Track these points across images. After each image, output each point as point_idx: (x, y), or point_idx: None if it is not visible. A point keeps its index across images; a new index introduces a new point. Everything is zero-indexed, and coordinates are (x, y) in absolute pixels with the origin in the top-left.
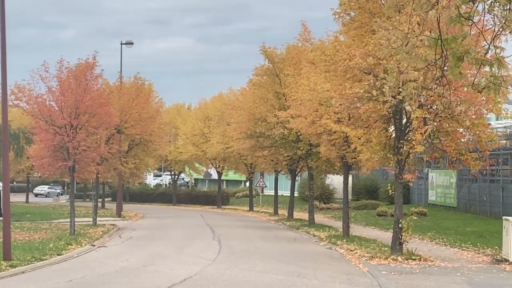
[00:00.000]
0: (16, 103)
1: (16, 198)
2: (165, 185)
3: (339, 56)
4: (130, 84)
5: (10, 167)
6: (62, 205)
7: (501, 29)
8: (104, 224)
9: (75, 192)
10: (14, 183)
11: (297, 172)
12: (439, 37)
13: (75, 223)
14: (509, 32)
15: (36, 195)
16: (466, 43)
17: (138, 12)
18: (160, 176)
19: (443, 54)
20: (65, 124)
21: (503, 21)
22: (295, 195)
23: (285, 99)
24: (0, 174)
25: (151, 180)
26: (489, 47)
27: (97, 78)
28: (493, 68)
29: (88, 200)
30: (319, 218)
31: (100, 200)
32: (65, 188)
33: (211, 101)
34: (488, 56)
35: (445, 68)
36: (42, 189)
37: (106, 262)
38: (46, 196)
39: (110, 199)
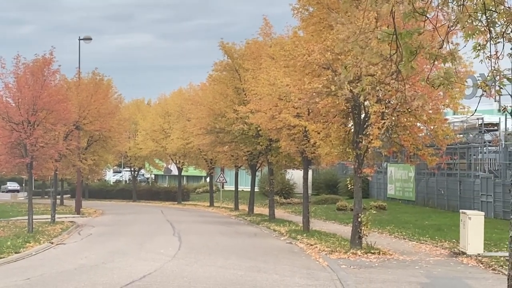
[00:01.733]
0: None
1: None
2: (125, 181)
3: (298, 51)
4: (88, 80)
5: None
6: (20, 202)
7: (453, 25)
8: (63, 221)
9: (33, 189)
10: None
11: (257, 168)
12: (394, 32)
13: (34, 220)
14: (462, 28)
15: (9, 191)
16: (421, 38)
17: (99, 8)
18: (119, 172)
19: (398, 49)
20: (22, 120)
21: (454, 17)
22: (255, 190)
23: (245, 94)
24: None
25: (110, 176)
26: (443, 42)
27: (54, 74)
28: (447, 64)
29: (47, 197)
30: (279, 213)
31: (58, 197)
32: (23, 185)
33: (171, 97)
34: (443, 51)
35: (402, 63)
36: (12, 185)
37: (65, 259)
38: (18, 192)
39: (69, 196)
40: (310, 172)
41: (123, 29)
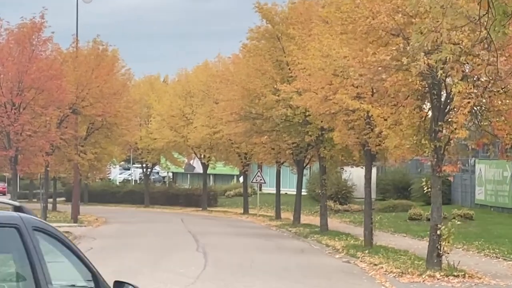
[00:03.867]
0: None
1: None
2: (135, 181)
3: (360, 12)
4: (88, 51)
5: None
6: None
7: None
8: None
9: (18, 190)
10: None
11: (305, 164)
12: None
13: None
14: None
15: None
16: None
17: None
18: (128, 169)
19: (489, 9)
20: (5, 102)
21: None
22: (302, 193)
23: (289, 69)
24: None
25: (116, 174)
26: None
27: (46, 42)
28: None
29: (36, 200)
30: (334, 223)
31: (50, 200)
32: (5, 184)
33: (194, 73)
34: None
35: (494, 27)
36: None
37: None
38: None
39: (63, 199)
40: (374, 171)
41: None
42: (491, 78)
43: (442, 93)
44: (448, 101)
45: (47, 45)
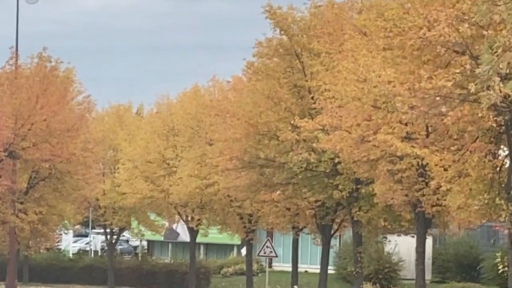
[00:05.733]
0: None
1: None
2: (95, 252)
3: (410, 21)
4: (32, 70)
5: None
6: None
7: None
8: None
9: None
10: None
11: (333, 232)
12: None
13: None
14: None
15: None
16: None
17: None
18: (85, 236)
19: None
20: None
21: None
22: (329, 272)
23: (312, 98)
24: None
25: (69, 243)
26: None
27: None
28: None
29: None
30: None
31: None
32: None
33: (179, 102)
34: None
35: None
36: None
37: None
38: None
39: None
40: (429, 241)
41: None
42: None
43: None
44: None
45: None
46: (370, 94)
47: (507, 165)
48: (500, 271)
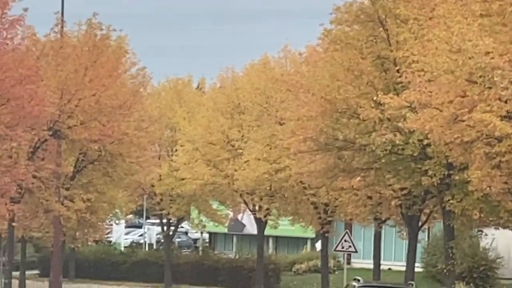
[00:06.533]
0: None
1: None
2: (150, 245)
3: None
4: (80, 39)
5: None
6: None
7: None
8: None
9: None
10: None
11: (421, 224)
12: None
13: None
14: None
15: None
16: None
17: None
18: (139, 227)
19: None
20: None
21: None
22: (416, 269)
23: (398, 70)
24: None
25: (121, 235)
26: None
27: (14, 25)
28: None
29: None
30: None
31: (16, 274)
32: None
33: (246, 75)
34: None
35: None
36: None
37: None
38: None
39: (37, 272)
40: None
41: None
42: None
43: None
44: None
45: (16, 30)
46: (464, 67)
47: None
48: None
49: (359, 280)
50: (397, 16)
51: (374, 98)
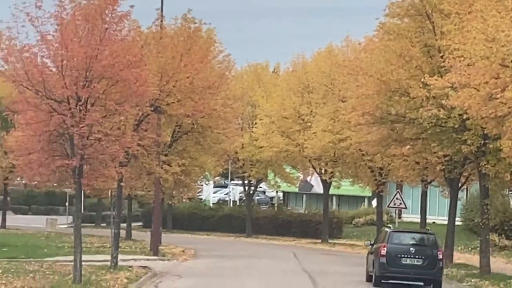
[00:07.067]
0: None
1: None
2: (234, 202)
3: None
4: (176, 31)
5: None
6: (62, 233)
7: None
8: (131, 267)
9: (82, 211)
10: None
11: (460, 185)
12: None
13: (83, 263)
14: None
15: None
16: None
17: None
18: (225, 187)
19: None
20: (68, 96)
21: None
22: (456, 223)
23: (442, 57)
24: None
25: (209, 193)
26: None
27: (122, 19)
28: None
29: (105, 225)
30: (498, 263)
31: (124, 225)
32: (66, 205)
33: (314, 61)
34: None
35: None
36: None
37: None
38: None
39: (140, 224)
40: None
41: None
42: None
43: None
44: None
45: (124, 23)
46: (498, 53)
47: None
48: None
49: (390, 227)
50: (442, 11)
51: (422, 80)
